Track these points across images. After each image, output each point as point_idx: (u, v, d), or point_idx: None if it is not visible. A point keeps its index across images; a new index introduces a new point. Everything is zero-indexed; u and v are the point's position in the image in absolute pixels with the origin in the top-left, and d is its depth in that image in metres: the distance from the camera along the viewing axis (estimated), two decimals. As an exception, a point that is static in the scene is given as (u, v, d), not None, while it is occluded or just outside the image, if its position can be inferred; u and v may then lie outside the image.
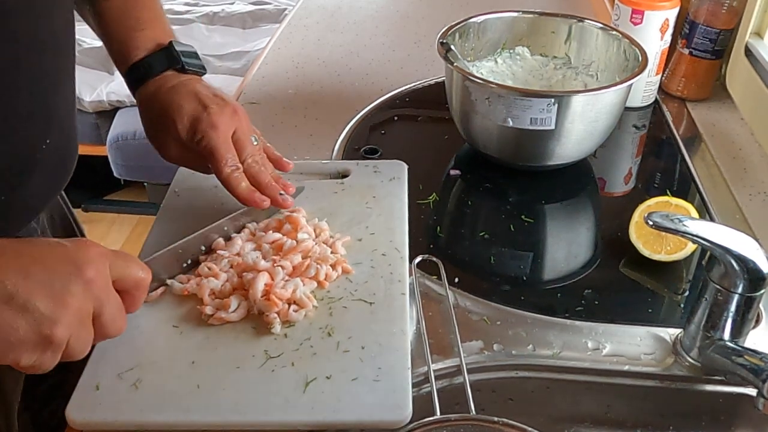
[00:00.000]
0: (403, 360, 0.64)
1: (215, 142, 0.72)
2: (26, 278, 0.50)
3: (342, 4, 1.51)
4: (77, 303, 0.52)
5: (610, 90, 0.88)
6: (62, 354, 0.53)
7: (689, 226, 0.62)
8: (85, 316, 0.53)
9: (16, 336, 0.50)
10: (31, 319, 0.50)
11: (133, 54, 0.78)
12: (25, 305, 0.50)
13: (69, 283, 0.52)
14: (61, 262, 0.53)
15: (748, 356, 0.62)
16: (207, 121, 0.72)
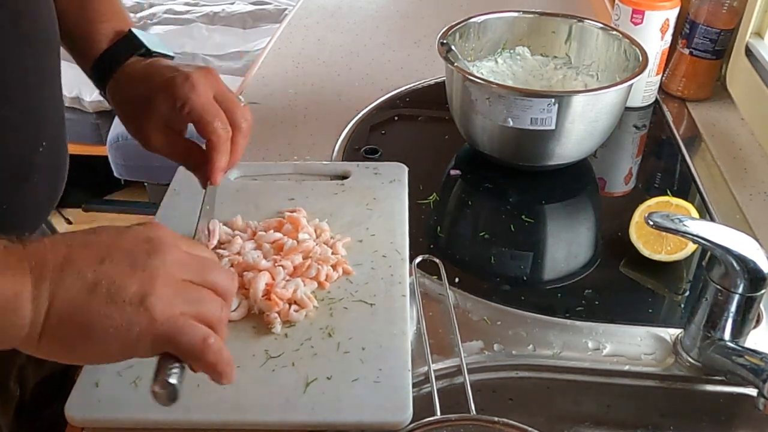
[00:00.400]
0: (404, 361, 0.64)
1: (199, 102, 0.66)
2: (103, 263, 0.47)
3: (342, 4, 1.51)
4: (163, 272, 0.48)
5: (610, 90, 0.88)
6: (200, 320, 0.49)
7: (689, 226, 0.62)
8: (177, 283, 0.49)
9: (112, 324, 0.46)
10: (121, 302, 0.46)
11: (96, 47, 0.74)
12: (110, 289, 0.46)
13: (149, 258, 0.48)
14: (135, 242, 0.49)
15: (749, 356, 0.62)
16: (185, 85, 0.66)
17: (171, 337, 0.48)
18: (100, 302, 0.46)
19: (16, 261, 0.47)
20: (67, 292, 0.46)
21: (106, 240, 0.49)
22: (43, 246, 0.48)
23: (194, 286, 0.50)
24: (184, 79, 0.66)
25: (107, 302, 0.46)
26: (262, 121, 1.08)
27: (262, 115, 1.09)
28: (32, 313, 0.46)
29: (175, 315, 0.48)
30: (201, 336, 0.48)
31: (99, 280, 0.47)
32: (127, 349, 0.48)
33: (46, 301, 0.46)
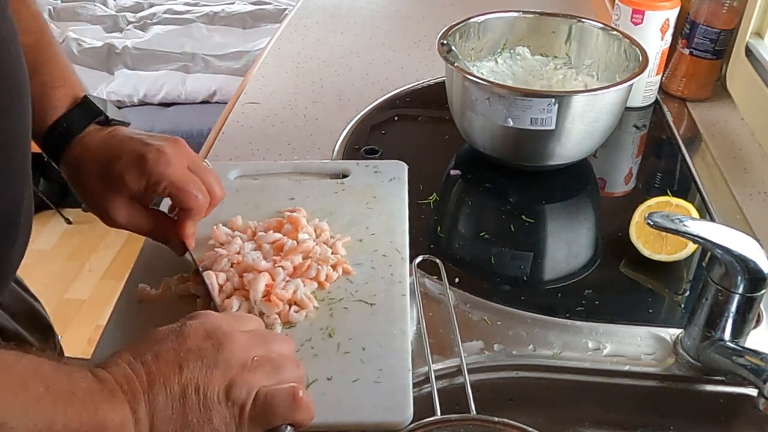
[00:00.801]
0: (404, 361, 0.64)
1: (176, 177, 0.66)
2: (182, 371, 0.49)
3: (342, 4, 1.51)
4: (235, 361, 0.50)
5: (610, 90, 0.88)
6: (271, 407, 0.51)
7: (689, 226, 0.62)
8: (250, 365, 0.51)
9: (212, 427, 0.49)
10: (211, 403, 0.49)
11: (50, 113, 0.69)
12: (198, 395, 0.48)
13: (219, 353, 0.50)
14: (199, 340, 0.51)
15: (749, 356, 0.62)
16: (159, 162, 0.65)
17: (266, 414, 0.50)
18: (195, 411, 0.48)
19: (110, 390, 0.47)
20: (162, 410, 0.48)
21: (173, 346, 0.50)
22: (123, 369, 0.49)
23: (264, 360, 0.52)
24: (157, 155, 0.66)
25: (201, 409, 0.48)
26: (262, 121, 1.08)
27: (262, 115, 1.09)
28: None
29: (258, 396, 0.50)
30: (288, 395, 0.51)
31: (185, 389, 0.48)
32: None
33: (147, 425, 0.47)
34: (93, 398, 0.46)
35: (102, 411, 0.46)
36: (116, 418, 0.46)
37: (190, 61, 2.47)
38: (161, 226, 0.71)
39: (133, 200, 0.68)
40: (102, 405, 0.46)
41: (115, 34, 2.69)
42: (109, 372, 0.48)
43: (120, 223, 0.69)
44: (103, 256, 2.50)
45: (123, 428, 0.47)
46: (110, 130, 0.70)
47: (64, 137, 0.69)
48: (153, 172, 0.65)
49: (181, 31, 2.66)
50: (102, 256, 2.50)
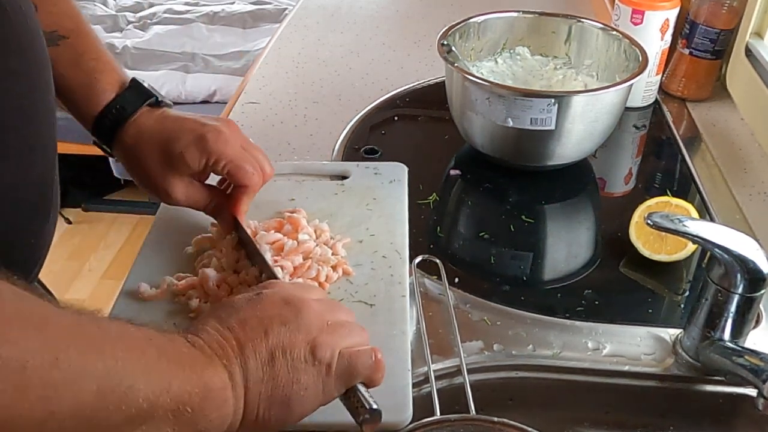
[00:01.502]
0: (404, 362, 0.64)
1: (234, 156, 0.70)
2: (268, 336, 0.50)
3: (342, 4, 1.51)
4: (314, 324, 0.52)
5: (610, 90, 0.88)
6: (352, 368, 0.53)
7: (689, 226, 0.62)
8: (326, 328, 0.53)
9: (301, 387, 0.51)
10: (299, 364, 0.50)
11: (101, 97, 0.71)
12: (286, 358, 0.50)
13: (298, 318, 0.52)
14: (278, 307, 0.53)
15: (748, 356, 0.62)
16: (218, 141, 0.69)
17: (351, 371, 0.53)
18: (284, 372, 0.50)
19: (208, 355, 0.48)
20: (254, 373, 0.49)
21: (256, 314, 0.52)
22: (214, 335, 0.50)
23: (337, 325, 0.54)
24: (216, 134, 0.69)
25: (289, 370, 0.50)
26: (262, 121, 1.08)
27: (262, 115, 1.09)
28: (234, 402, 0.48)
29: (342, 357, 0.52)
30: (369, 355, 0.53)
31: (273, 352, 0.50)
32: (318, 402, 0.52)
33: (241, 389, 0.49)
34: (196, 363, 0.47)
35: (206, 375, 0.47)
36: (218, 381, 0.47)
37: (190, 61, 2.47)
38: (216, 201, 0.74)
39: (191, 179, 0.72)
40: (205, 369, 0.47)
41: (115, 33, 2.69)
42: (202, 339, 0.49)
43: (179, 201, 0.72)
44: (103, 256, 2.50)
45: (224, 392, 0.48)
46: (161, 111, 0.72)
47: (117, 120, 0.71)
48: (213, 150, 0.69)
49: (181, 30, 2.66)
50: (102, 256, 2.50)
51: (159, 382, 0.44)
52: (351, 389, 0.53)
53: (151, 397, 0.43)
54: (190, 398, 0.45)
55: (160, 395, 0.44)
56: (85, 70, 0.72)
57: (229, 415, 0.48)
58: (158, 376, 0.44)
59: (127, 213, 2.66)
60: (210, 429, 0.47)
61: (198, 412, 0.46)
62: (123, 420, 0.42)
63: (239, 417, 0.49)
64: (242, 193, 0.72)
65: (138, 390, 0.42)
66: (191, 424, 0.46)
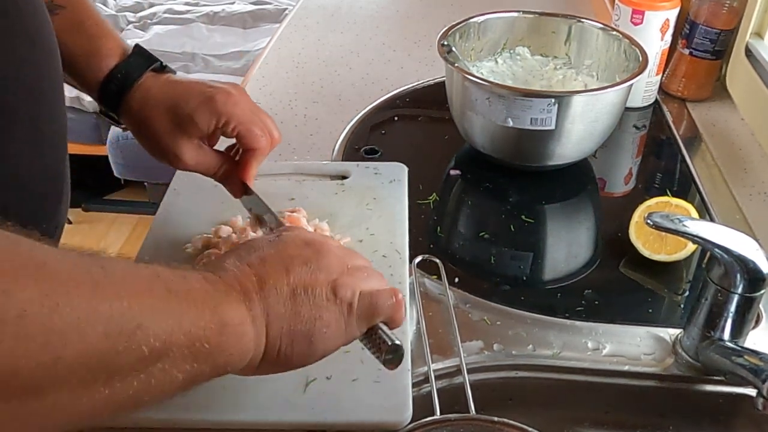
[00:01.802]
0: (404, 362, 0.64)
1: (244, 119, 0.69)
2: (289, 273, 0.50)
3: (342, 4, 1.51)
4: (335, 266, 0.52)
5: (610, 90, 0.88)
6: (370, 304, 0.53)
7: (689, 226, 0.62)
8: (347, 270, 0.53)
9: (324, 324, 0.51)
10: (321, 302, 0.50)
11: (104, 63, 0.71)
12: (308, 295, 0.50)
13: (320, 259, 0.52)
14: (299, 248, 0.53)
15: (748, 356, 0.62)
16: (227, 103, 0.68)
17: (372, 311, 0.53)
18: (306, 308, 0.50)
19: (224, 290, 0.48)
20: (275, 307, 0.49)
21: (276, 252, 0.52)
22: (232, 271, 0.50)
23: (356, 268, 0.54)
24: (225, 96, 0.69)
25: (312, 306, 0.50)
26: (262, 121, 1.08)
27: (262, 115, 1.09)
28: (254, 336, 0.48)
29: (362, 297, 0.53)
30: (390, 295, 0.54)
31: (294, 289, 0.50)
32: (340, 340, 0.52)
33: (263, 323, 0.48)
34: (211, 298, 0.47)
35: (221, 310, 0.46)
36: (235, 316, 0.47)
37: (190, 61, 2.47)
38: (225, 166, 0.73)
39: (200, 143, 0.71)
40: (221, 304, 0.46)
41: (116, 33, 2.69)
42: (219, 276, 0.49)
43: (188, 165, 0.71)
44: (104, 256, 2.50)
45: (242, 326, 0.47)
46: (167, 76, 0.72)
47: (122, 85, 0.71)
48: (222, 112, 0.68)
49: (181, 30, 2.66)
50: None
51: (169, 319, 0.43)
52: (372, 329, 0.54)
53: (163, 336, 0.42)
54: (205, 334, 0.45)
55: (172, 333, 0.43)
56: (86, 37, 0.71)
57: (250, 350, 0.48)
58: (168, 314, 0.43)
59: (127, 213, 2.66)
60: (230, 364, 0.47)
61: (215, 348, 0.45)
62: (136, 360, 0.41)
63: (261, 352, 0.49)
64: (251, 157, 0.71)
65: (147, 329, 0.41)
66: (210, 359, 0.45)
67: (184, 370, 0.44)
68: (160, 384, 0.43)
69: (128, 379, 0.41)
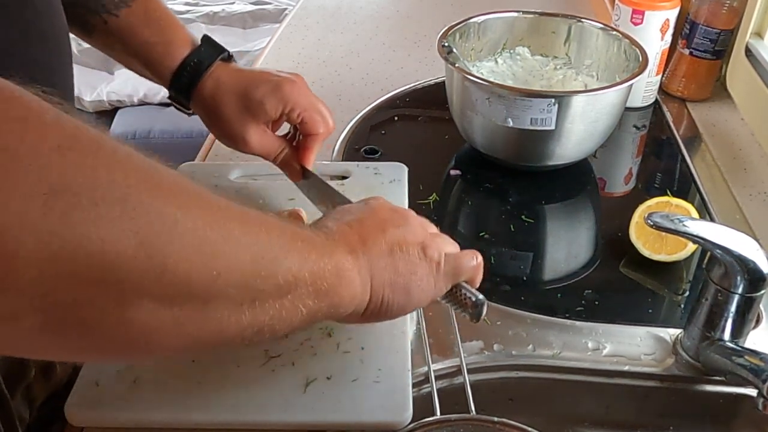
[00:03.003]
0: (404, 361, 0.64)
1: (308, 106, 0.74)
2: (385, 233, 0.54)
3: (342, 4, 1.51)
4: (420, 229, 0.57)
5: (610, 90, 0.88)
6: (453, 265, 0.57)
7: (689, 226, 0.62)
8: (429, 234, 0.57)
9: (418, 278, 0.54)
10: (415, 259, 0.54)
11: (177, 52, 0.75)
12: (403, 252, 0.54)
13: (406, 223, 0.56)
14: (388, 213, 0.57)
15: (749, 356, 0.62)
16: (293, 91, 0.74)
17: (457, 270, 0.57)
18: (404, 264, 0.54)
19: (334, 240, 0.51)
20: (377, 260, 0.53)
21: (370, 216, 0.56)
22: (335, 228, 0.53)
23: (435, 235, 0.58)
24: (291, 84, 0.74)
25: (407, 262, 0.54)
26: (262, 121, 1.08)
27: (262, 115, 1.09)
28: (361, 285, 0.51)
29: (447, 257, 0.57)
30: (471, 257, 0.59)
31: (392, 247, 0.54)
32: (430, 294, 0.56)
33: (367, 274, 0.52)
34: (326, 245, 0.50)
35: (336, 256, 0.49)
36: (346, 263, 0.50)
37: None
38: (285, 150, 0.78)
39: (266, 128, 0.76)
40: (334, 252, 0.50)
41: (116, 34, 2.69)
42: (324, 232, 0.52)
43: (254, 148, 0.76)
44: (103, 256, 2.49)
45: (351, 272, 0.51)
46: (234, 65, 0.78)
47: (194, 74, 0.75)
48: (289, 99, 0.74)
49: (181, 31, 2.66)
50: (102, 256, 2.49)
51: (298, 257, 0.46)
52: (455, 286, 0.58)
53: (293, 270, 0.46)
54: (324, 274, 0.48)
55: (300, 269, 0.46)
56: (159, 28, 0.76)
57: (357, 296, 0.51)
58: (296, 253, 0.47)
59: (127, 213, 2.65)
60: (342, 306, 0.51)
61: (332, 288, 0.49)
62: (273, 288, 0.44)
63: (365, 300, 0.52)
64: (312, 141, 0.76)
65: (282, 262, 0.45)
66: (327, 298, 0.49)
67: (307, 305, 0.47)
68: (289, 315, 0.46)
69: (266, 306, 0.44)
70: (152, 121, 2.30)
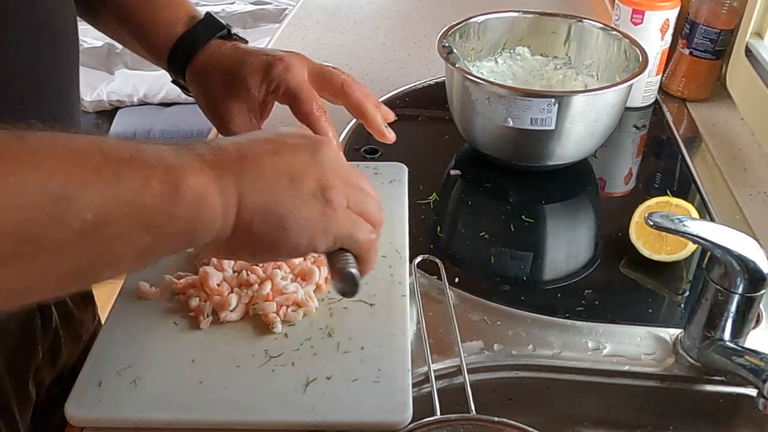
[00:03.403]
0: (404, 361, 0.64)
1: (294, 83, 0.67)
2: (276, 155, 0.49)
3: (342, 4, 1.51)
4: (331, 167, 0.50)
5: (610, 90, 0.88)
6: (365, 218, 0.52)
7: (689, 226, 0.62)
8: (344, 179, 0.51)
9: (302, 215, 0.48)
10: (305, 194, 0.48)
11: (172, 31, 0.72)
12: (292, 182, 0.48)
13: (316, 153, 0.50)
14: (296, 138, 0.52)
15: (749, 356, 0.62)
16: (280, 66, 0.67)
17: (350, 232, 0.51)
18: (288, 194, 0.48)
19: (189, 159, 0.46)
20: (253, 184, 0.47)
21: (270, 137, 0.50)
22: (208, 145, 0.48)
23: (357, 185, 0.52)
24: (278, 61, 0.68)
25: (293, 194, 0.48)
26: (262, 121, 1.08)
27: (262, 115, 1.09)
28: (222, 208, 0.46)
29: (348, 212, 0.50)
30: (369, 232, 0.52)
31: (279, 172, 0.48)
32: (312, 242, 0.50)
33: (234, 195, 0.46)
34: (163, 163, 0.44)
35: (175, 175, 0.44)
36: (194, 183, 0.45)
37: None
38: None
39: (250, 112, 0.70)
40: (175, 170, 0.44)
41: (116, 34, 2.69)
42: (191, 147, 0.47)
43: (234, 130, 0.70)
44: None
45: (203, 195, 0.45)
46: (234, 44, 0.72)
47: (189, 52, 0.71)
48: (272, 77, 0.67)
49: (181, 31, 2.66)
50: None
51: (102, 190, 0.41)
52: (341, 251, 0.52)
53: (94, 207, 0.40)
54: (152, 203, 0.43)
55: (105, 204, 0.41)
56: (156, 7, 0.73)
57: (216, 222, 0.46)
58: (100, 184, 0.41)
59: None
60: (193, 235, 0.46)
61: (169, 218, 0.44)
62: (67, 233, 0.39)
63: (230, 223, 0.47)
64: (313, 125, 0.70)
65: (73, 201, 0.39)
66: (163, 230, 0.44)
67: (134, 241, 0.42)
68: (111, 257, 0.42)
69: (63, 253, 0.40)
70: (152, 121, 2.31)
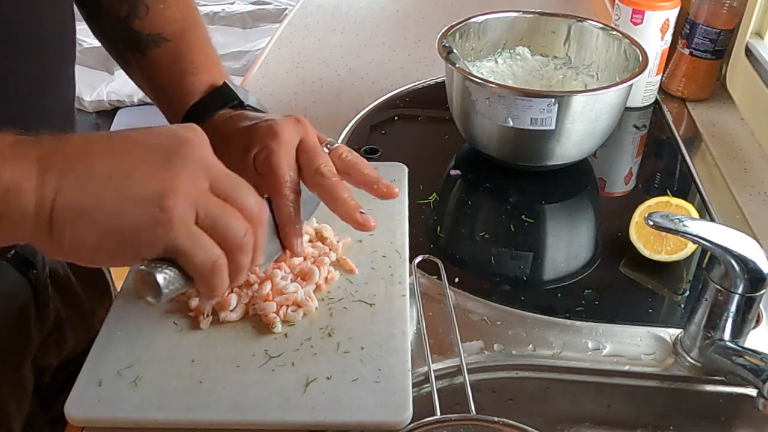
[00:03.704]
0: (404, 361, 0.64)
1: (276, 155, 0.58)
2: (119, 156, 0.44)
3: (342, 4, 1.51)
4: (186, 173, 0.44)
5: (610, 90, 0.88)
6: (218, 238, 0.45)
7: (689, 226, 0.62)
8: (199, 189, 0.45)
9: (122, 222, 0.43)
10: (136, 199, 0.43)
11: (187, 99, 0.70)
12: (124, 184, 0.43)
13: (172, 156, 0.45)
14: (160, 137, 0.46)
15: (749, 356, 0.62)
16: (266, 130, 0.59)
17: (184, 252, 0.45)
18: (111, 197, 0.43)
19: (21, 151, 0.44)
20: (75, 182, 0.43)
21: (132, 135, 0.46)
22: (59, 138, 0.45)
23: (217, 199, 0.46)
24: (267, 125, 0.60)
25: (119, 198, 0.43)
26: (262, 121, 1.08)
27: (262, 115, 1.09)
28: (35, 203, 0.43)
29: (191, 225, 0.45)
30: (214, 258, 0.46)
31: (112, 173, 0.43)
32: (139, 252, 0.45)
33: (52, 191, 0.43)
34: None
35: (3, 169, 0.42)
36: (7, 175, 0.42)
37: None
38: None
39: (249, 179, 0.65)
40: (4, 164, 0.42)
41: (116, 34, 2.69)
42: (40, 140, 0.45)
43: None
44: (103, 256, 2.49)
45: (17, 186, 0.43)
46: (240, 111, 0.68)
47: (197, 119, 0.68)
48: (257, 141, 0.60)
49: (181, 31, 2.66)
50: (102, 256, 2.49)
51: None
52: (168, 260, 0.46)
53: None
54: None
55: None
56: (179, 73, 0.71)
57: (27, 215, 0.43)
58: None
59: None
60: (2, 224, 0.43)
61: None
62: None
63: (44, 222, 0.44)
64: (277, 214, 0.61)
65: None
66: None
67: None
68: None
69: None
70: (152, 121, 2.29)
